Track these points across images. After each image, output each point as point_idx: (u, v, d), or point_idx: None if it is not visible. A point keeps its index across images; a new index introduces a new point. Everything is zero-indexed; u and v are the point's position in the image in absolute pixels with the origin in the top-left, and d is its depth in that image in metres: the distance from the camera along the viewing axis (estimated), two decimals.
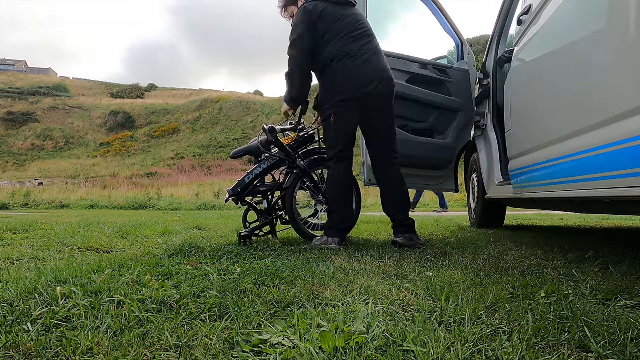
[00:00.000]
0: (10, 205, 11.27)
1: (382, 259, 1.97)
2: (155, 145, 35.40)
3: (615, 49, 1.43)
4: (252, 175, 2.69)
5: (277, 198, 2.80)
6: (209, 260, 1.89)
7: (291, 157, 2.72)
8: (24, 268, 1.76)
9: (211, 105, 40.44)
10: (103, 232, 3.21)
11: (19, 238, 2.85)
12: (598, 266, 1.76)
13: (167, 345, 0.91)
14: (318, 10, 2.45)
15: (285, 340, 0.92)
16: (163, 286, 1.37)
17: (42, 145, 36.66)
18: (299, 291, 1.31)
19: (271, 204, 2.73)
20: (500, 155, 3.19)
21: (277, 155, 2.73)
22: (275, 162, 2.72)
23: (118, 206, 11.29)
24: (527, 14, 2.30)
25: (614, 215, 4.89)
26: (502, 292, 1.32)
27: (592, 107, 1.58)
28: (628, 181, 1.35)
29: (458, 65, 3.42)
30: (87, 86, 56.77)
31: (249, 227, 2.79)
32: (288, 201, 2.69)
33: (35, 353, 0.87)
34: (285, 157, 2.72)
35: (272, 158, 2.72)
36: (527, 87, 2.35)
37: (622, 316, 1.06)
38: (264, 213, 2.73)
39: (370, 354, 0.85)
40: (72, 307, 1.14)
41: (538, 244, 2.58)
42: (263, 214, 2.73)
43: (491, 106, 3.36)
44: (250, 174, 2.70)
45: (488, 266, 1.80)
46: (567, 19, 1.80)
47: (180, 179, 20.72)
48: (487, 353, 0.86)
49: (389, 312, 1.12)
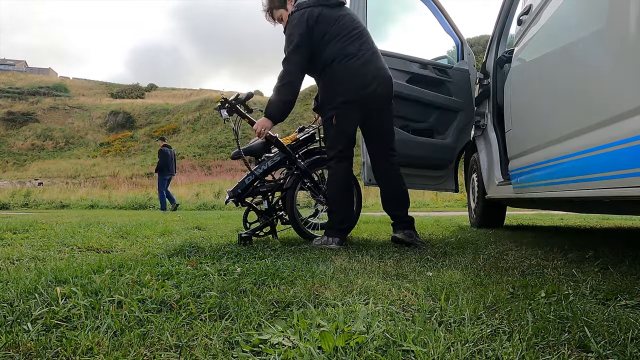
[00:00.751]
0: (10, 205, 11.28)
1: (382, 259, 1.97)
2: (156, 145, 35.34)
3: (615, 49, 1.43)
4: (252, 176, 2.68)
5: (277, 198, 2.80)
6: (209, 260, 1.89)
7: (291, 157, 2.71)
8: (24, 268, 1.76)
9: (211, 105, 40.40)
10: (103, 232, 3.21)
11: (19, 238, 2.85)
12: (598, 266, 1.76)
13: (167, 345, 0.91)
14: (314, 16, 2.39)
15: (285, 340, 0.92)
16: (163, 286, 1.37)
17: (42, 145, 36.66)
18: (299, 291, 1.31)
19: (271, 204, 2.73)
20: (500, 155, 3.19)
21: (278, 156, 2.72)
22: (275, 162, 2.71)
23: (118, 206, 11.30)
24: (527, 14, 2.30)
25: (614, 215, 4.89)
26: (502, 292, 1.32)
27: (592, 107, 1.58)
28: (628, 181, 1.35)
29: (458, 65, 3.42)
30: (87, 86, 56.77)
31: (250, 227, 2.78)
32: (288, 202, 2.69)
33: (35, 353, 0.87)
34: (285, 158, 2.72)
35: (273, 159, 2.72)
36: (527, 87, 2.35)
37: (622, 316, 1.06)
38: (264, 213, 2.73)
39: (370, 353, 0.85)
40: (72, 307, 1.13)
41: (538, 244, 2.58)
42: (263, 214, 2.73)
43: (491, 106, 3.36)
44: (251, 175, 2.69)
45: (488, 266, 1.80)
46: (567, 19, 1.80)
47: (180, 179, 20.72)
48: (487, 353, 0.86)
49: (389, 312, 1.12)
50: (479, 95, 3.52)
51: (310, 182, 2.75)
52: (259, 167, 2.71)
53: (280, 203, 2.81)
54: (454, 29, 3.42)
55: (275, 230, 2.77)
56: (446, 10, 3.36)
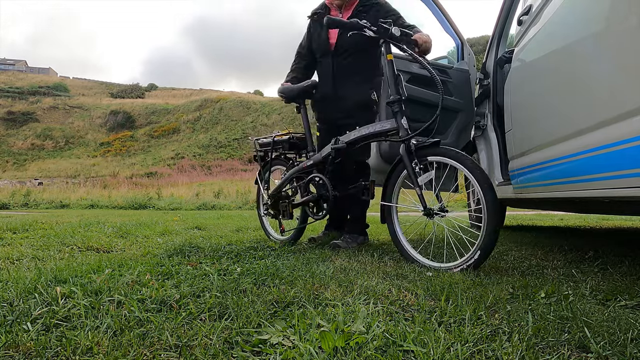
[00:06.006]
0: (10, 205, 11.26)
1: (382, 259, 1.97)
2: (155, 145, 35.41)
3: (615, 49, 1.43)
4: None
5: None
6: (209, 260, 1.89)
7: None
8: (24, 268, 1.76)
9: (211, 105, 40.45)
10: (103, 232, 3.20)
11: (19, 238, 2.85)
12: (598, 266, 1.76)
13: (167, 345, 0.91)
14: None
15: (285, 340, 0.92)
16: (163, 286, 1.37)
17: (42, 145, 36.67)
18: (299, 291, 1.31)
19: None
20: (500, 155, 3.18)
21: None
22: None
23: (118, 206, 11.28)
24: (527, 15, 2.30)
25: (614, 215, 4.89)
26: (502, 292, 1.32)
27: (592, 107, 1.58)
28: (628, 181, 1.35)
29: (458, 65, 3.42)
30: (87, 86, 56.78)
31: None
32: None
33: (35, 353, 0.87)
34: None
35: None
36: (527, 87, 2.35)
37: (622, 316, 1.06)
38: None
39: (370, 354, 0.85)
40: (72, 307, 1.14)
41: (538, 244, 2.58)
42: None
43: (491, 106, 3.36)
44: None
45: (488, 266, 1.80)
46: (567, 19, 1.80)
47: (180, 178, 20.74)
48: (487, 353, 0.86)
49: (389, 312, 1.12)
50: (479, 96, 3.52)
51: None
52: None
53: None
54: (454, 29, 3.42)
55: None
56: (446, 10, 3.36)
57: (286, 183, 2.56)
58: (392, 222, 2.04)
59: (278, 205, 2.58)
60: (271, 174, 2.83)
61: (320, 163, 2.34)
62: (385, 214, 2.06)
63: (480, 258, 1.70)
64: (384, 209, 2.06)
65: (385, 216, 2.06)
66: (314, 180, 2.36)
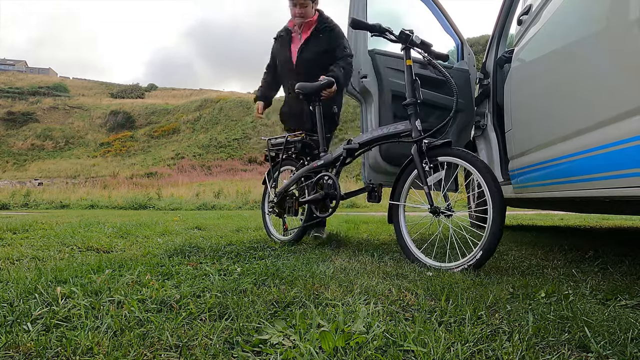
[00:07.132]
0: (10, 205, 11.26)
1: (382, 259, 1.97)
2: (155, 145, 35.39)
3: (615, 49, 1.43)
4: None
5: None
6: (209, 260, 1.89)
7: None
8: (24, 268, 1.76)
9: (211, 105, 40.43)
10: (103, 232, 3.20)
11: (19, 238, 2.85)
12: (598, 266, 1.76)
13: (167, 345, 0.91)
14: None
15: (285, 340, 0.92)
16: (163, 286, 1.37)
17: (42, 145, 36.65)
18: (299, 291, 1.31)
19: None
20: (500, 155, 3.18)
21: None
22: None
23: (118, 206, 11.28)
24: (527, 14, 2.30)
25: (614, 215, 4.89)
26: (502, 291, 1.32)
27: (592, 107, 1.58)
28: (628, 181, 1.35)
29: (458, 65, 3.42)
30: (87, 86, 56.78)
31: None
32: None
33: (35, 353, 0.87)
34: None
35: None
36: (527, 87, 2.35)
37: (622, 316, 1.07)
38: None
39: (370, 354, 0.85)
40: (72, 307, 1.14)
41: (538, 243, 2.58)
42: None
43: (491, 106, 3.36)
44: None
45: (488, 266, 1.80)
46: (567, 19, 1.80)
47: (180, 178, 20.72)
48: (487, 353, 0.86)
49: (389, 312, 1.12)
50: (479, 95, 3.51)
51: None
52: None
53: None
54: (454, 29, 3.42)
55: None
56: (446, 10, 3.36)
57: (295, 181, 2.60)
58: (398, 220, 2.05)
59: (284, 203, 2.61)
60: (280, 174, 2.86)
61: (330, 163, 2.38)
62: (392, 212, 2.07)
63: (482, 258, 1.70)
64: (392, 208, 2.07)
65: (392, 214, 2.07)
66: (323, 179, 2.38)
